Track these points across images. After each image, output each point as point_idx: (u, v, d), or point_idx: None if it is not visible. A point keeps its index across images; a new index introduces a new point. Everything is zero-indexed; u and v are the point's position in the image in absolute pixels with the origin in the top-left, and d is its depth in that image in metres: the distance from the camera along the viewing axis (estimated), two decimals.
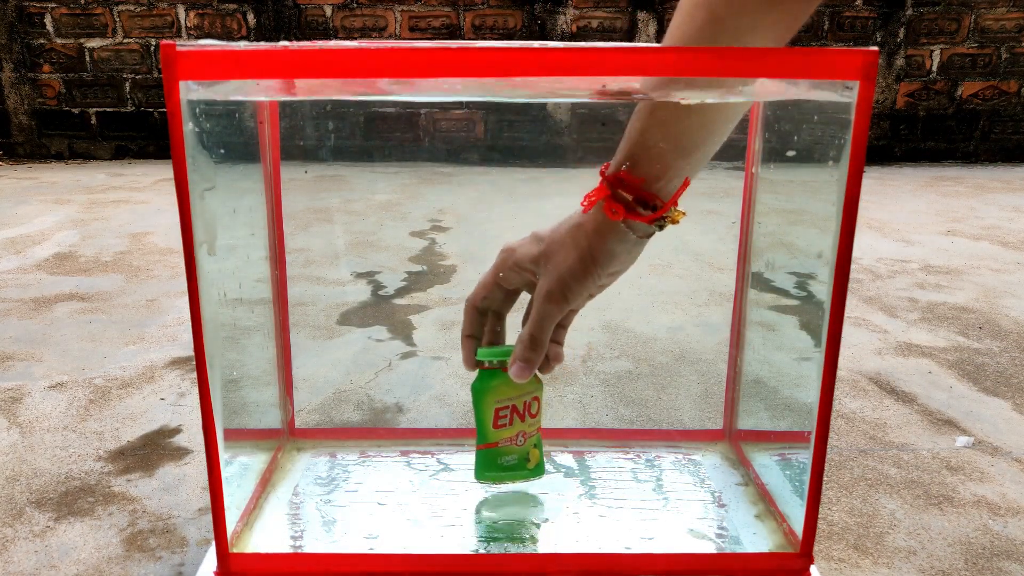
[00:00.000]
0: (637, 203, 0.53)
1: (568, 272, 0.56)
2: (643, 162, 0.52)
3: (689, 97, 0.49)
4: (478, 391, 0.64)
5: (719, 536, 0.64)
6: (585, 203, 0.54)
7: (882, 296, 1.54)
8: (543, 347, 0.59)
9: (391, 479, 0.71)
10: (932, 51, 3.38)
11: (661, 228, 0.55)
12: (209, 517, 0.76)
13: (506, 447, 0.64)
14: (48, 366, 1.16)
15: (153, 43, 3.32)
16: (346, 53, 0.44)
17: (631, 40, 3.30)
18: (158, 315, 1.40)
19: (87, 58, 3.33)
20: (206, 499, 0.81)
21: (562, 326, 0.62)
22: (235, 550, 0.60)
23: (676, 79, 0.47)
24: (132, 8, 3.28)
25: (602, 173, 0.54)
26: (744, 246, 0.73)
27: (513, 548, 0.61)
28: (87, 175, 3.02)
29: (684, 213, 0.55)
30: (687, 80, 0.47)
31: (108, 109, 3.38)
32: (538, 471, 0.66)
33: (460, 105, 3.32)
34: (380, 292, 1.54)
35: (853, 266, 1.34)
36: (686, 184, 0.54)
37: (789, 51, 0.45)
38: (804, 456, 0.56)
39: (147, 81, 3.36)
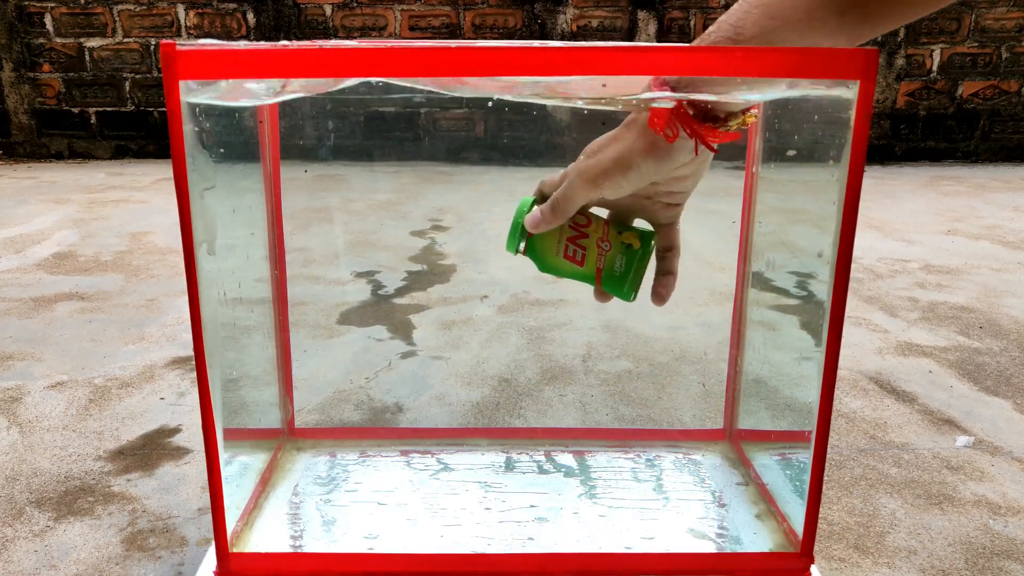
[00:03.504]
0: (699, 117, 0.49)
1: (612, 156, 0.52)
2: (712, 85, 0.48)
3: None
4: (541, 262, 0.60)
5: (719, 536, 0.64)
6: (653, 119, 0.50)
7: (882, 296, 1.54)
8: (563, 215, 0.56)
9: (391, 479, 0.71)
10: (932, 50, 3.38)
11: (730, 128, 0.50)
12: (209, 517, 0.76)
13: (607, 261, 0.58)
14: (48, 366, 1.16)
15: (153, 43, 3.32)
16: (346, 53, 0.44)
17: (631, 39, 3.30)
18: (158, 315, 1.40)
19: (87, 58, 3.33)
20: (206, 499, 0.81)
21: (670, 246, 0.59)
22: (235, 550, 0.60)
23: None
24: (132, 8, 3.28)
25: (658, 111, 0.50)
26: (744, 245, 0.73)
27: (513, 548, 0.61)
28: (87, 175, 3.02)
29: (755, 117, 0.51)
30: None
31: (108, 109, 3.38)
32: (645, 242, 0.58)
33: (460, 105, 3.32)
34: (380, 292, 1.54)
35: (853, 265, 1.34)
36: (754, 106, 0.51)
37: (790, 51, 0.45)
38: (804, 456, 0.56)
39: (147, 80, 3.36)
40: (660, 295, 0.60)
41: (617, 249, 0.58)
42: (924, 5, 0.45)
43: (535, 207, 0.58)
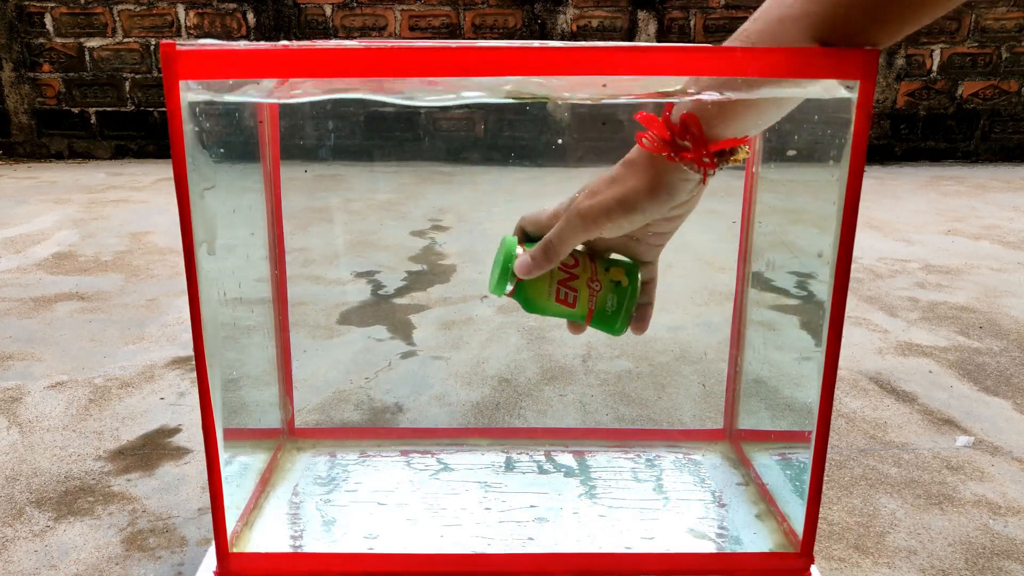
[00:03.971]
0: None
1: (616, 197, 0.51)
2: (707, 113, 0.49)
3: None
4: (530, 305, 0.59)
5: (719, 536, 0.64)
6: (644, 141, 0.51)
7: (882, 295, 1.54)
8: (556, 258, 0.55)
9: (391, 479, 0.71)
10: (932, 50, 3.38)
11: (721, 168, 0.51)
12: (209, 517, 0.76)
13: (599, 301, 0.58)
14: (48, 366, 1.16)
15: (153, 42, 3.32)
16: (346, 53, 0.44)
17: (631, 39, 3.30)
18: (158, 315, 1.40)
19: (87, 58, 3.32)
20: (206, 499, 0.81)
21: (650, 279, 0.59)
22: (235, 550, 0.60)
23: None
24: (132, 8, 3.28)
25: (653, 121, 0.51)
26: (744, 245, 0.73)
27: (513, 548, 0.61)
28: (87, 174, 3.02)
29: (748, 152, 0.52)
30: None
31: (108, 109, 3.38)
32: (633, 276, 0.58)
33: (460, 105, 3.32)
34: (380, 292, 1.54)
35: (853, 265, 1.34)
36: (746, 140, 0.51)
37: (790, 51, 0.45)
38: (804, 456, 0.56)
39: (147, 80, 3.36)
40: (641, 326, 0.60)
41: (608, 288, 0.57)
42: (902, 30, 0.46)
43: (524, 252, 0.56)
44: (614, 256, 0.59)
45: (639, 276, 0.58)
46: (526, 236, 0.59)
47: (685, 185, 0.51)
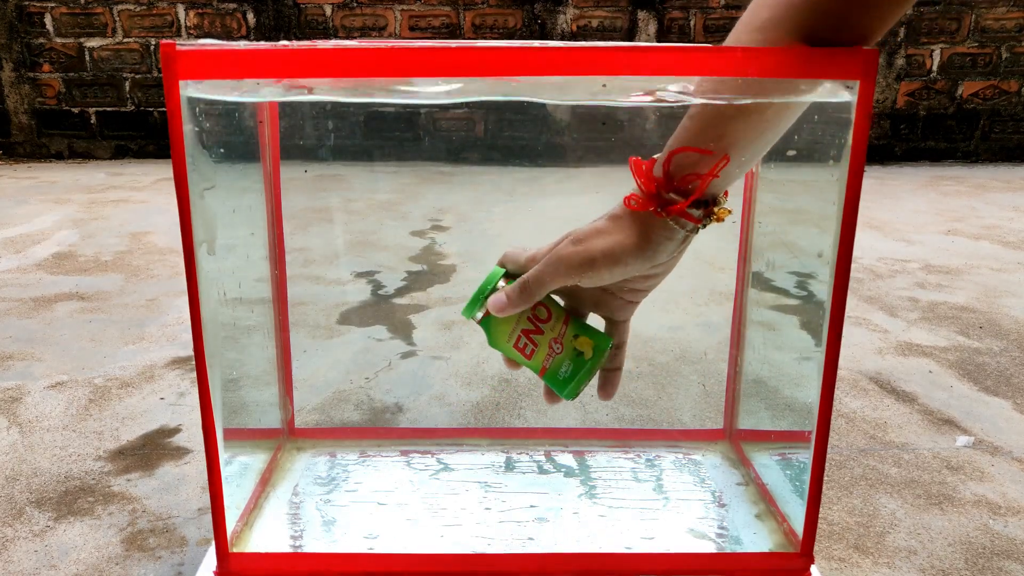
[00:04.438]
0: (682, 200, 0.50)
1: (601, 247, 0.52)
2: (690, 162, 0.50)
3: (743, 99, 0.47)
4: (491, 340, 0.59)
5: (719, 536, 0.64)
6: (632, 202, 0.51)
7: (882, 296, 1.54)
8: (531, 299, 0.55)
9: (391, 479, 0.71)
10: (932, 50, 3.38)
11: (704, 226, 0.52)
12: (209, 517, 0.76)
13: (554, 363, 0.57)
14: (48, 366, 1.16)
15: (153, 43, 3.32)
16: (346, 53, 0.44)
17: (631, 39, 3.30)
18: (158, 315, 1.40)
19: (87, 58, 3.33)
20: (206, 499, 0.81)
21: (620, 343, 0.59)
22: (235, 550, 0.60)
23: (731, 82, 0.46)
24: (132, 8, 3.28)
25: (640, 171, 0.52)
26: (744, 245, 0.73)
27: (513, 548, 0.61)
28: (87, 175, 3.02)
29: (730, 211, 0.53)
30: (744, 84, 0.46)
31: (108, 109, 3.38)
32: (598, 352, 0.58)
33: (460, 104, 3.32)
34: (380, 292, 1.54)
35: (853, 265, 1.34)
36: (727, 194, 0.52)
37: (790, 51, 0.45)
38: (804, 456, 0.56)
39: (147, 81, 3.36)
40: (607, 392, 0.60)
41: (567, 354, 0.57)
42: (891, 11, 0.46)
43: (503, 288, 0.56)
44: (589, 325, 0.59)
45: (606, 353, 0.57)
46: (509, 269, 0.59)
47: (669, 244, 0.51)
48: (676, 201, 0.50)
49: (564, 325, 0.57)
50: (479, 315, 0.57)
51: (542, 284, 0.54)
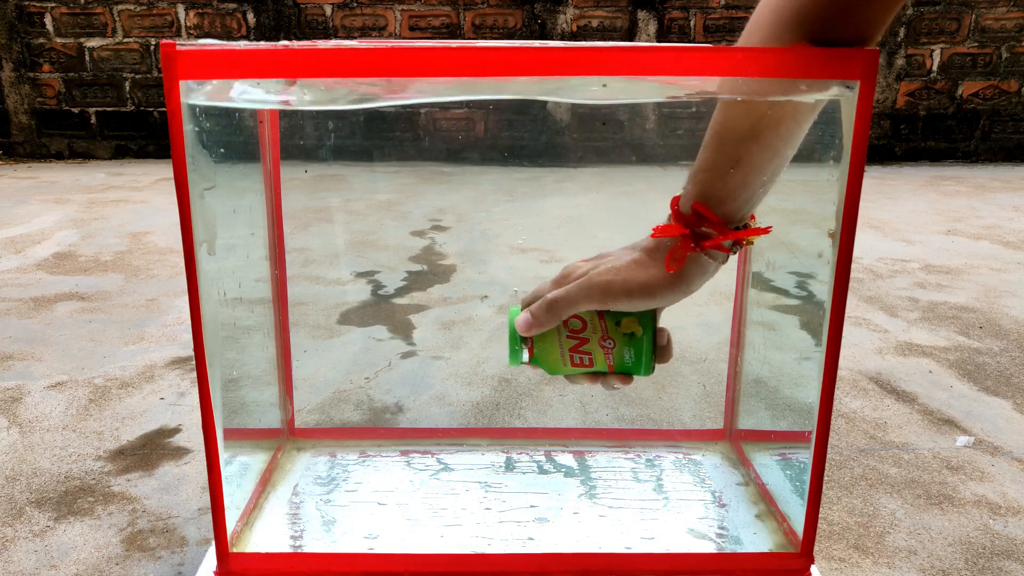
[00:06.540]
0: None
1: (640, 281, 0.53)
2: (714, 191, 0.51)
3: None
4: (552, 371, 0.58)
5: (719, 536, 0.64)
6: (656, 235, 0.53)
7: (882, 296, 1.54)
8: (557, 318, 0.55)
9: (391, 479, 0.71)
10: (932, 50, 3.38)
11: (734, 252, 0.54)
12: (209, 517, 0.76)
13: (616, 356, 0.57)
14: (48, 366, 1.16)
15: (153, 43, 3.32)
16: (346, 53, 0.44)
17: (631, 39, 3.30)
18: (158, 315, 1.40)
19: (87, 58, 3.33)
20: (206, 499, 0.81)
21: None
22: (235, 550, 0.60)
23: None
24: (132, 8, 3.28)
25: (673, 207, 0.53)
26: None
27: (513, 548, 0.61)
28: (87, 175, 3.02)
29: (767, 230, 0.54)
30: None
31: (108, 109, 3.38)
32: (646, 323, 0.56)
33: (460, 104, 3.32)
34: (380, 292, 1.54)
35: (853, 265, 1.34)
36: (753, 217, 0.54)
37: (790, 51, 0.45)
38: (804, 456, 0.56)
39: (147, 81, 3.36)
40: (664, 358, 0.59)
41: (622, 343, 0.56)
42: (880, 25, 0.46)
43: (525, 311, 0.56)
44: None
45: (655, 319, 0.56)
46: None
47: (703, 277, 0.53)
48: (709, 236, 0.51)
49: (601, 321, 0.57)
50: (525, 356, 0.57)
51: (572, 304, 0.55)
